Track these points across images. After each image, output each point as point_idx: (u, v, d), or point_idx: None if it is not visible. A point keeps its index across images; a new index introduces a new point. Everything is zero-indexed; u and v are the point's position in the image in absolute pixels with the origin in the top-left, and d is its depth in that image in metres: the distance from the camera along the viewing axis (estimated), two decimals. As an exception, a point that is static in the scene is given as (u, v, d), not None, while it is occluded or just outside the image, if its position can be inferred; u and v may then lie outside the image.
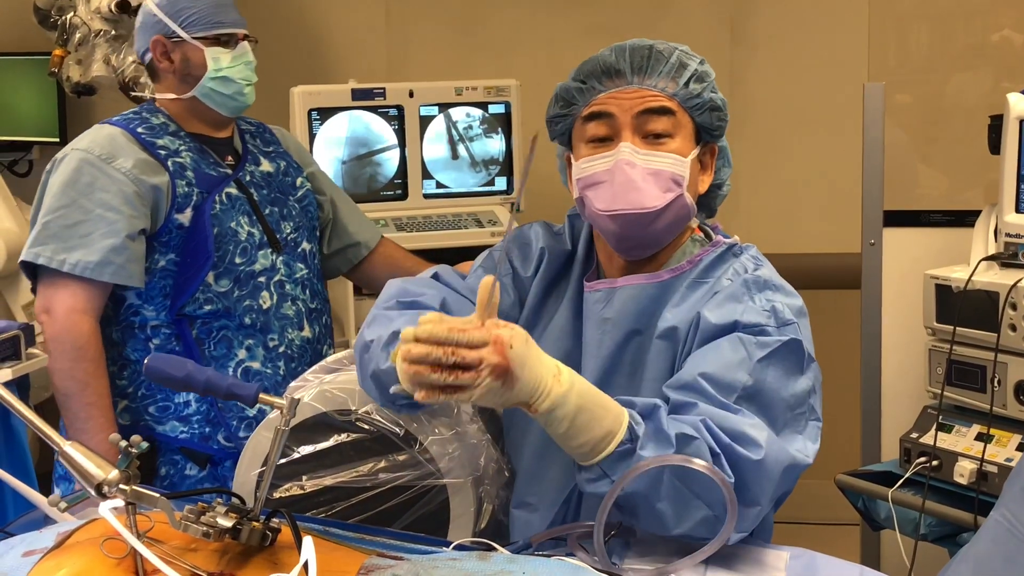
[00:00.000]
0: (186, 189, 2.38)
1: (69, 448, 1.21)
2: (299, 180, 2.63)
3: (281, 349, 2.47)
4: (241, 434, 2.40)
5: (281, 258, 2.49)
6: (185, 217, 2.37)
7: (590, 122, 1.67)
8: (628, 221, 1.63)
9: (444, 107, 3.50)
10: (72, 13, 3.51)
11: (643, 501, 1.44)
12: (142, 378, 2.42)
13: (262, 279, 2.45)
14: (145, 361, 1.41)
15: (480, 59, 4.07)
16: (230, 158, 2.53)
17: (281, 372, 2.45)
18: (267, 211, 2.50)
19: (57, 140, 3.97)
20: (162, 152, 2.40)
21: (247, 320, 2.43)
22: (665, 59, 1.66)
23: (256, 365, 2.44)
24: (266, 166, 2.58)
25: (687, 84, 1.66)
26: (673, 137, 1.65)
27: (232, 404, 2.41)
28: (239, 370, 2.42)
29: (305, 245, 2.57)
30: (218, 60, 2.46)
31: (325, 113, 3.40)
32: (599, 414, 1.43)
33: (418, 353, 1.34)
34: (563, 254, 1.79)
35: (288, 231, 2.53)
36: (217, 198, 2.42)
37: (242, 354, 2.43)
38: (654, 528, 1.47)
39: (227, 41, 2.47)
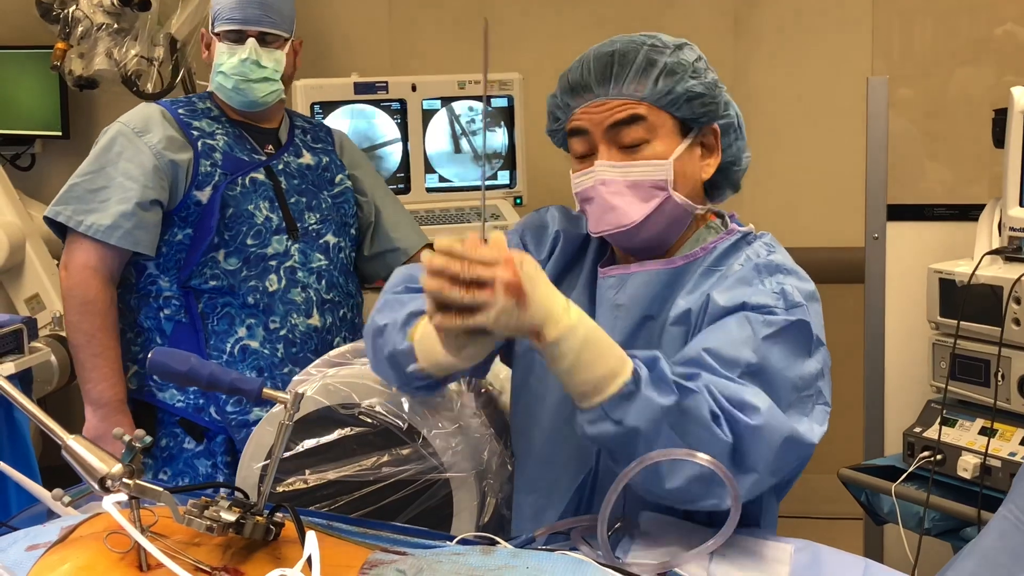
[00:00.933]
0: (209, 169, 2.48)
1: (72, 442, 1.21)
2: (339, 177, 2.70)
3: (282, 332, 2.51)
4: (229, 408, 2.49)
5: (297, 245, 2.55)
6: (204, 195, 2.47)
7: (571, 138, 1.68)
8: (615, 237, 1.65)
9: (447, 101, 3.50)
10: (74, 6, 3.50)
11: (643, 443, 1.40)
12: (151, 345, 2.52)
13: (272, 263, 2.52)
14: (149, 355, 1.41)
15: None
16: (271, 147, 2.61)
17: (279, 355, 2.51)
18: (292, 200, 2.57)
19: (59, 134, 3.97)
20: (195, 133, 2.51)
21: (250, 300, 2.50)
22: (630, 62, 1.62)
23: (255, 344, 2.50)
24: (307, 159, 2.65)
25: (656, 82, 1.62)
26: (650, 142, 1.62)
27: None
28: (237, 347, 2.49)
29: (330, 238, 2.61)
30: (220, 55, 2.53)
31: (328, 107, 3.40)
32: (605, 352, 1.42)
33: (438, 264, 1.35)
34: (579, 238, 1.78)
35: (312, 222, 2.59)
36: (240, 180, 2.50)
37: (242, 332, 2.50)
38: (648, 483, 1.43)
39: (237, 38, 2.52)
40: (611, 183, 1.62)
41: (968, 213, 2.83)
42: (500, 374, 1.93)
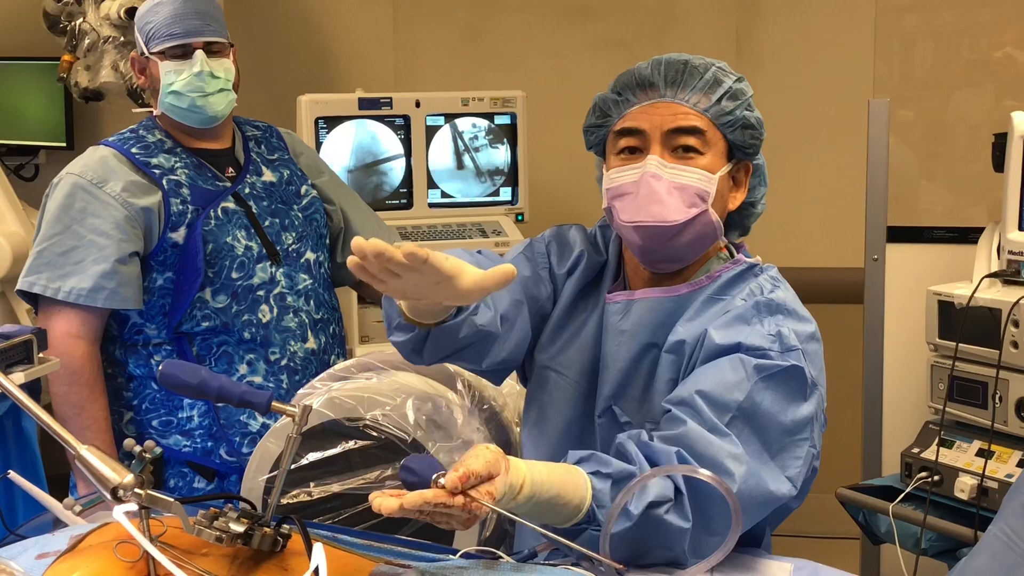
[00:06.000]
0: (180, 207, 2.39)
1: (85, 452, 1.23)
2: (303, 189, 2.61)
3: (283, 362, 2.46)
4: (244, 449, 2.41)
5: (281, 270, 2.48)
6: (179, 236, 2.38)
7: (622, 137, 1.68)
8: (650, 233, 1.64)
9: (450, 117, 3.51)
10: (81, 19, 3.53)
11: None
12: (146, 391, 2.45)
13: (261, 293, 2.45)
14: (159, 368, 1.42)
15: (486, 70, 4.09)
16: (231, 170, 2.51)
17: (284, 385, 2.45)
18: (267, 223, 2.49)
19: (64, 145, 3.98)
20: (156, 171, 2.41)
21: (246, 335, 2.43)
22: (700, 75, 1.67)
23: (258, 379, 2.44)
24: (268, 176, 2.56)
25: (720, 101, 1.66)
26: (703, 154, 1.65)
27: (235, 420, 2.42)
28: None
29: (309, 255, 2.55)
30: (168, 75, 2.42)
31: (332, 122, 3.41)
32: (558, 509, 1.42)
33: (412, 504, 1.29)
34: (599, 264, 1.79)
35: (290, 242, 2.52)
36: (212, 213, 2.41)
37: (243, 369, 2.44)
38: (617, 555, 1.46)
39: (182, 53, 2.41)
40: (661, 180, 1.63)
41: (967, 236, 2.84)
42: (503, 390, 1.94)
